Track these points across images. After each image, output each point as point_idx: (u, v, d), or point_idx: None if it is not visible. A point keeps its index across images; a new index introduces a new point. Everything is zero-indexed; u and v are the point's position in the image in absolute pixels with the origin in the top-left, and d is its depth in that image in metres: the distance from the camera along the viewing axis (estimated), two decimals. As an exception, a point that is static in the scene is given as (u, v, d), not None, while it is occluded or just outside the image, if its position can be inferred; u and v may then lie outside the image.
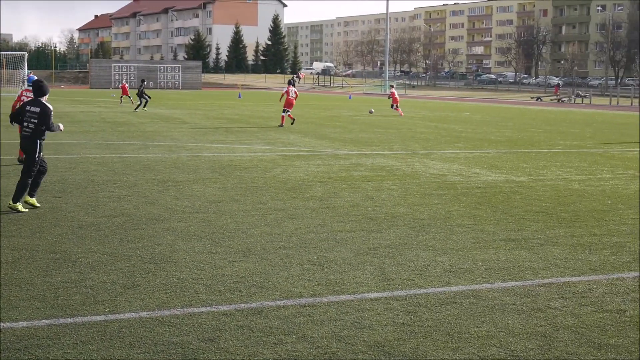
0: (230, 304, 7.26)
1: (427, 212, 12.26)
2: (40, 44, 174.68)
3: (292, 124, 32.67)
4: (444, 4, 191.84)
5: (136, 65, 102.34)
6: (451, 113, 48.08)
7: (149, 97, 44.28)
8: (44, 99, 12.20)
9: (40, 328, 6.52)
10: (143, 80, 46.35)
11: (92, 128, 29.55)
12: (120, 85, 52.45)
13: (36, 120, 11.98)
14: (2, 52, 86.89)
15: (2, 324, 6.62)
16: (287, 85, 33.06)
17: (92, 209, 12.05)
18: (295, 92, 32.89)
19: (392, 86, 49.06)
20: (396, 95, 44.12)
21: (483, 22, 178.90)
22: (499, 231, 10.87)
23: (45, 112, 11.99)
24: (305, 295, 7.61)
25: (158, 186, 14.59)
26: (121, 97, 51.03)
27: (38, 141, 12.08)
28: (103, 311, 6.99)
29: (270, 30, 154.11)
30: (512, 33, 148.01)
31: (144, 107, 43.47)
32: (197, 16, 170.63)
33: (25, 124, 12.09)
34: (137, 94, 44.57)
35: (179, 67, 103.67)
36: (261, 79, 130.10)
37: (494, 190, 14.79)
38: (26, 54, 76.93)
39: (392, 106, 44.07)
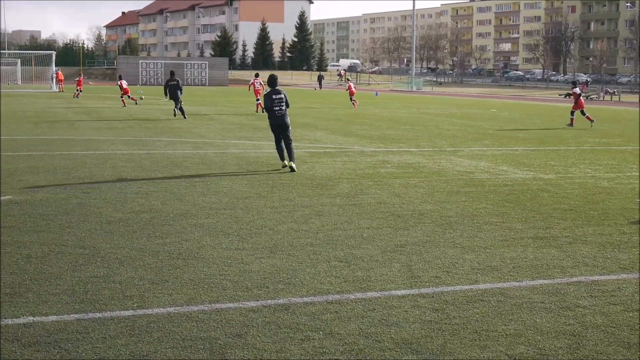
0: (258, 300, 7.28)
1: (454, 210, 12.22)
2: (68, 41, 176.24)
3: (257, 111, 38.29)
4: (470, 1, 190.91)
5: (163, 62, 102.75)
6: (478, 110, 47.86)
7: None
8: (278, 87, 17.06)
9: (70, 322, 6.57)
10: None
11: (120, 124, 29.74)
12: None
13: (283, 103, 16.81)
14: (31, 51, 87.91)
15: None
16: (253, 78, 39.39)
17: (120, 204, 12.13)
18: (260, 83, 38.40)
19: (348, 79, 51.64)
20: (352, 89, 47.42)
21: (510, 19, 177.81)
22: (527, 229, 10.80)
23: (285, 96, 16.96)
24: (333, 291, 7.60)
25: (185, 182, 14.66)
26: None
27: (288, 117, 17.02)
28: (131, 306, 7.03)
29: (296, 27, 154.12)
30: (539, 30, 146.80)
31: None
32: (223, 13, 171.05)
33: (276, 108, 16.70)
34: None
35: (205, 63, 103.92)
36: (288, 75, 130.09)
37: (521, 188, 14.70)
38: (54, 53, 77.81)
39: (351, 99, 47.26)
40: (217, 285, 7.75)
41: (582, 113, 32.81)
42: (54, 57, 75.66)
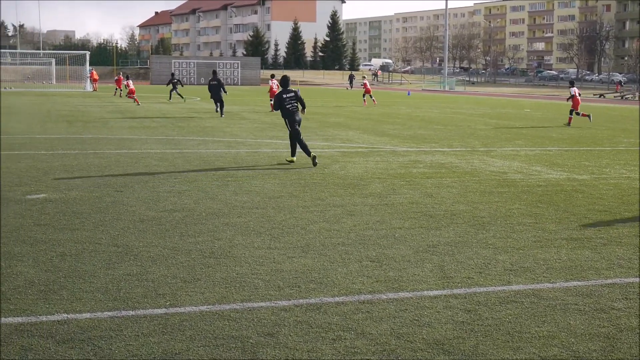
0: (289, 300, 7.29)
1: (487, 210, 12.15)
2: (102, 41, 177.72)
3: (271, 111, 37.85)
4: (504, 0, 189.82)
5: (196, 61, 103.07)
6: (511, 110, 47.56)
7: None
8: (289, 87, 17.85)
9: (103, 320, 6.62)
10: (172, 74, 52.50)
11: (153, 124, 29.92)
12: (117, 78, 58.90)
13: (295, 100, 17.62)
14: (65, 51, 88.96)
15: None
16: (270, 79, 40.65)
17: (153, 203, 12.20)
18: (277, 85, 38.87)
19: (364, 77, 53.89)
20: (368, 86, 48.91)
21: (544, 18, 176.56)
22: (561, 230, 10.71)
23: (297, 93, 17.80)
24: (364, 291, 7.59)
25: (218, 181, 14.71)
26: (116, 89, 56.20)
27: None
28: (164, 304, 7.07)
29: (328, 27, 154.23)
30: (574, 29, 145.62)
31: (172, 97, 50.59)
32: (255, 12, 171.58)
33: (288, 105, 17.48)
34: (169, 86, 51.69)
35: (238, 63, 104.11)
36: (320, 75, 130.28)
37: (555, 189, 14.59)
38: (88, 53, 78.55)
39: (363, 96, 48.76)
40: (249, 284, 7.77)
41: (576, 113, 34.18)
42: (87, 57, 76.36)
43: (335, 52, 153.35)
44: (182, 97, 50.71)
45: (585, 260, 9.01)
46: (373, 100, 48.53)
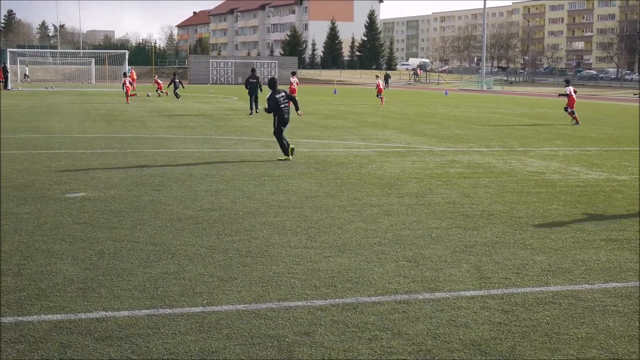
0: (326, 299, 7.29)
1: (525, 211, 12.06)
2: (140, 41, 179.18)
3: None
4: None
5: (233, 61, 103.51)
6: (550, 110, 47.13)
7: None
8: (278, 88, 18.74)
9: (141, 318, 6.68)
10: (175, 74, 54.06)
11: (191, 123, 30.10)
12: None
13: (287, 99, 18.58)
14: (105, 50, 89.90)
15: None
16: (291, 76, 44.85)
17: (190, 202, 12.28)
18: (296, 82, 43.35)
19: (377, 76, 54.08)
20: (381, 86, 50.21)
21: (584, 17, 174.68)
22: (600, 231, 10.60)
23: (286, 92, 18.80)
24: (401, 291, 7.58)
25: (254, 181, 14.76)
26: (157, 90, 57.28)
27: None
28: (201, 303, 7.11)
29: (366, 26, 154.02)
30: (614, 28, 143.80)
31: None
32: (293, 12, 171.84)
33: (282, 106, 18.36)
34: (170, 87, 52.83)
35: (275, 62, 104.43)
36: (357, 74, 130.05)
37: (594, 189, 14.44)
38: (127, 52, 79.31)
39: (377, 95, 49.84)
40: (285, 283, 7.79)
41: (571, 111, 33.89)
42: (127, 57, 77.08)
43: (373, 51, 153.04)
44: (178, 97, 51.20)
45: (624, 262, 8.91)
46: (381, 98, 49.45)
